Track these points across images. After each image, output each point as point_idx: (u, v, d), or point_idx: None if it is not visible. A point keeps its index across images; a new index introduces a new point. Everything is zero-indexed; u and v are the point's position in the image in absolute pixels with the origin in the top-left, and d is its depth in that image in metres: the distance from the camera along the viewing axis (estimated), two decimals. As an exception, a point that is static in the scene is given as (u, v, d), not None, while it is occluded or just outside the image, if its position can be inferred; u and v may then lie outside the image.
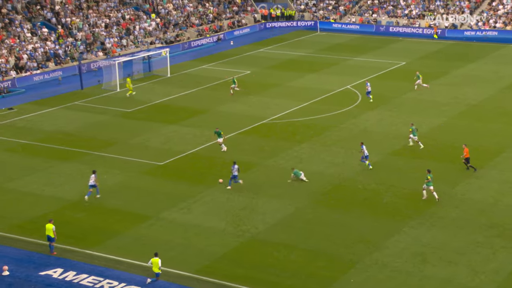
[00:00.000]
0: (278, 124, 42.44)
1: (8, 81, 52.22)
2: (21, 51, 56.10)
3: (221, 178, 33.32)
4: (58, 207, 30.64)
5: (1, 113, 45.59)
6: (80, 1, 67.32)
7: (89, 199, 31.12)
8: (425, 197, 30.59)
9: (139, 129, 41.68)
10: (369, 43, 69.33)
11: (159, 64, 57.29)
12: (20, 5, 62.11)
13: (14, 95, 50.80)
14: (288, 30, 77.33)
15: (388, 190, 31.90)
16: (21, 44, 57.03)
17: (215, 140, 37.54)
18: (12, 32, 58.04)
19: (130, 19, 68.10)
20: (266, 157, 36.54)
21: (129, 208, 30.44)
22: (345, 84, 51.53)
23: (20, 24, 59.47)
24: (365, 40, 71.01)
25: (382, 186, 32.35)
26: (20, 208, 30.66)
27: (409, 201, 30.68)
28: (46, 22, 62.49)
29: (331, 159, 36.09)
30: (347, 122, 42.20)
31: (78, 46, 60.29)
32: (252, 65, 59.48)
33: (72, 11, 64.99)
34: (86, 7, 66.85)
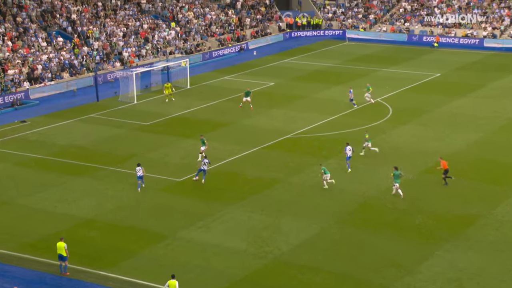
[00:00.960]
0: (304, 139, 42.38)
1: (21, 93, 53.00)
2: (35, 61, 56.98)
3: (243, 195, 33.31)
4: (71, 225, 30.88)
5: (13, 126, 46.28)
6: (97, 9, 68.32)
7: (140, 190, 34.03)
8: (393, 192, 32.89)
9: (157, 143, 41.94)
10: (401, 53, 69.08)
11: (178, 75, 57.72)
12: (35, 13, 63.20)
13: (28, 107, 51.54)
14: (315, 39, 77.45)
15: (421, 210, 31.58)
16: (35, 54, 57.93)
17: (201, 149, 37.72)
18: (26, 41, 59.00)
19: (149, 28, 68.86)
20: (290, 173, 36.49)
21: (145, 226, 30.56)
22: (375, 97, 51.32)
23: (35, 33, 60.46)
24: (396, 50, 70.75)
25: (413, 206, 32.03)
26: (31, 226, 30.96)
27: (444, 223, 30.32)
28: (62, 31, 63.47)
29: (357, 175, 35.89)
30: (377, 138, 41.97)
31: (94, 56, 61.05)
32: (276, 76, 59.61)
33: (89, 19, 65.93)
34: (103, 15, 67.79)
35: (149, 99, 52.55)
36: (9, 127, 46.03)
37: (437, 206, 31.99)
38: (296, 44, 75.03)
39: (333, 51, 71.31)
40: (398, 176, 33.03)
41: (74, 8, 66.31)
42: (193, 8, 76.34)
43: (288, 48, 72.98)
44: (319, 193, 33.80)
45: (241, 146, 41.07)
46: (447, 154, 38.72)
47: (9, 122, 47.03)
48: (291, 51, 71.34)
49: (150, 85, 55.96)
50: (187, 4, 76.37)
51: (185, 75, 56.81)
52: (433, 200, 32.73)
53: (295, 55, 68.76)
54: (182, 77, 57.10)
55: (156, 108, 49.95)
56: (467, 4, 77.31)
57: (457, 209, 31.58)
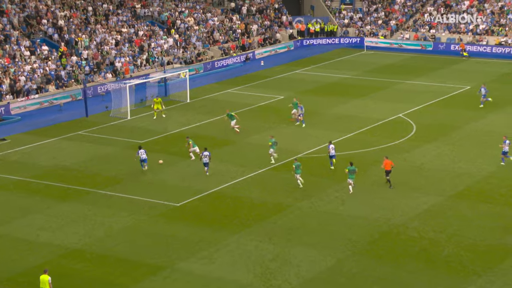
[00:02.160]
0: (316, 159, 42.33)
1: (1, 108, 53.30)
2: (17, 72, 57.33)
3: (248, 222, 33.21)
4: (55, 255, 30.81)
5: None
6: (86, 14, 68.85)
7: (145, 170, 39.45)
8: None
9: (153, 163, 41.96)
10: (426, 63, 69.15)
11: (177, 87, 57.95)
12: (17, 19, 63.70)
13: (8, 123, 51.78)
14: (329, 48, 77.69)
15: (450, 240, 31.40)
16: (17, 64, 58.30)
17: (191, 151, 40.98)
18: (7, 50, 59.41)
19: (144, 35, 69.30)
20: (300, 197, 36.42)
21: (140, 257, 30.48)
22: (397, 112, 51.28)
23: (17, 41, 60.90)
24: (421, 60, 70.85)
25: (442, 235, 31.87)
26: (11, 258, 30.89)
27: (476, 254, 30.11)
28: (47, 39, 63.95)
29: (379, 201, 35.78)
30: (399, 158, 41.88)
31: (83, 67, 61.42)
32: (286, 89, 59.73)
33: (78, 26, 66.43)
34: (94, 21, 68.30)
35: (144, 115, 52.70)
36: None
37: (469, 235, 31.79)
38: (308, 53, 75.27)
39: (349, 61, 71.42)
40: (353, 172, 36.44)
41: (61, 13, 66.83)
42: (194, 13, 76.82)
43: (299, 57, 73.18)
44: (333, 220, 33.68)
45: (246, 167, 41.06)
46: (478, 176, 38.54)
47: (-13, 140, 47.24)
48: (302, 61, 71.51)
49: (146, 99, 56.15)
50: (187, 9, 76.86)
51: (185, 87, 57.03)
52: (464, 228, 32.54)
53: (307, 66, 68.92)
54: (181, 89, 57.31)
55: (151, 125, 50.06)
56: (501, 8, 77.46)
57: (492, 239, 31.35)
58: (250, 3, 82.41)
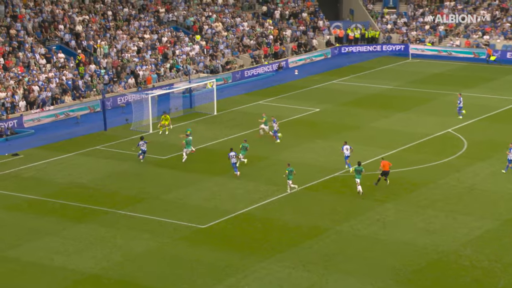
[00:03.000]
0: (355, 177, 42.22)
1: (13, 120, 53.93)
2: (31, 82, 58.03)
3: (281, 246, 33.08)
4: (70, 281, 30.97)
5: (3, 160, 47.01)
6: (106, 19, 69.64)
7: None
8: (360, 191, 38.61)
9: (177, 181, 42.09)
10: (478, 73, 68.61)
11: (203, 98, 58.19)
12: (31, 24, 64.65)
13: (21, 137, 52.37)
14: (370, 56, 77.46)
15: (506, 270, 31.00)
16: (31, 73, 59.05)
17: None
18: (21, 58, 60.23)
19: (168, 42, 69.83)
20: (339, 220, 36.25)
21: (162, 283, 30.51)
22: (445, 127, 50.89)
23: (32, 48, 61.75)
24: (472, 70, 70.31)
25: (497, 264, 31.46)
26: (23, 283, 31.09)
27: (534, 284, 29.65)
28: (64, 46, 64.77)
29: (426, 225, 35.49)
30: (448, 177, 41.49)
31: (102, 76, 62.02)
32: (323, 100, 59.62)
33: (97, 32, 67.20)
34: (114, 27, 69.04)
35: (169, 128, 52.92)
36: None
37: (526, 264, 31.36)
38: (347, 61, 75.12)
39: (392, 70, 71.12)
40: (360, 172, 38.85)
41: (79, 18, 67.67)
42: (222, 17, 77.26)
43: (337, 66, 73.08)
44: (375, 245, 33.45)
45: (278, 186, 40.99)
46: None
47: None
48: (340, 70, 71.39)
49: (169, 111, 56.40)
50: (215, 13, 77.34)
51: (212, 98, 57.23)
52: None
53: (345, 75, 68.77)
54: (208, 101, 57.52)
55: (176, 139, 50.29)
56: None
57: (551, 268, 30.87)
58: (284, 7, 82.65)
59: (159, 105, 56.15)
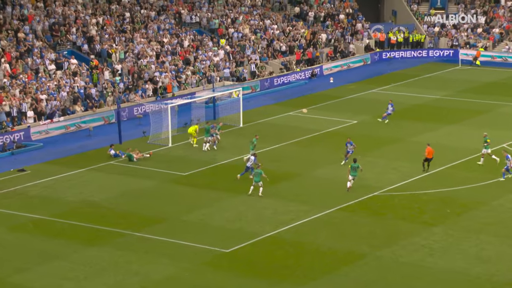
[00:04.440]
0: (398, 198, 42.03)
1: (20, 132, 54.42)
2: (40, 90, 58.58)
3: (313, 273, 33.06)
4: (81, 309, 31.19)
5: (8, 176, 47.41)
6: (122, 21, 70.25)
7: None
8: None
9: (199, 200, 42.20)
10: (536, 81, 68.23)
11: (228, 109, 58.34)
12: (41, 27, 65.38)
13: (28, 151, 52.77)
14: (415, 62, 77.22)
15: None
16: (40, 80, 59.61)
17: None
18: (29, 64, 60.90)
19: (190, 47, 70.22)
20: (378, 245, 36.10)
21: (180, 314, 30.62)
22: (500, 142, 50.50)
23: (41, 53, 62.41)
24: (530, 77, 69.90)
25: (555, 294, 31.15)
26: (29, 310, 31.37)
27: None
28: (76, 51, 65.41)
29: (478, 251, 35.22)
30: (503, 198, 41.21)
31: (117, 84, 62.50)
32: (361, 111, 59.53)
33: (112, 35, 67.79)
34: (131, 29, 69.60)
35: (188, 141, 53.15)
36: (2, 177, 47.22)
37: None
38: (389, 68, 74.93)
39: (440, 78, 70.79)
40: (356, 169, 41.86)
41: (93, 21, 68.32)
42: (250, 19, 77.58)
43: (377, 74, 72.92)
44: (420, 274, 33.26)
45: (311, 206, 40.96)
46: None
47: (2, 172, 48.21)
48: (381, 78, 71.21)
49: (191, 123, 56.58)
50: (242, 15, 77.69)
51: (237, 109, 57.35)
52: None
53: (386, 84, 68.57)
54: (233, 112, 57.65)
55: (197, 154, 50.42)
56: None
57: None
58: (318, 8, 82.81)
59: (180, 116, 56.34)
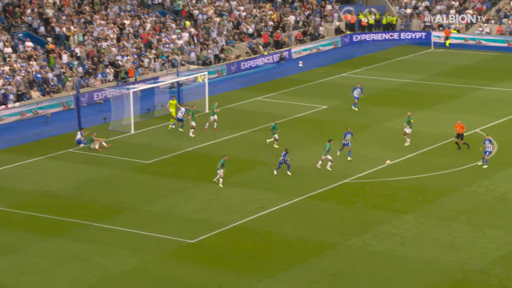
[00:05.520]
0: (369, 185, 42.24)
1: (-27, 119, 53.99)
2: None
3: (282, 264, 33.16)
4: (39, 303, 31.07)
5: (-38, 165, 47.08)
6: (81, 2, 69.66)
7: None
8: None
9: (162, 189, 42.12)
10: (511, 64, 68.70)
11: (193, 94, 58.19)
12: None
13: (-18, 138, 52.35)
14: (386, 45, 77.49)
15: (541, 290, 31.09)
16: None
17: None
18: (-18, 47, 60.30)
19: (153, 29, 69.87)
20: (349, 234, 36.26)
21: (143, 307, 30.60)
22: (473, 127, 50.89)
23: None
24: (505, 61, 70.34)
25: (530, 283, 31.58)
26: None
27: None
28: (32, 33, 64.80)
29: (450, 240, 35.52)
30: (475, 185, 41.57)
31: (76, 68, 62.08)
32: (331, 96, 59.66)
33: (70, 17, 67.24)
34: (90, 11, 69.07)
35: (151, 128, 52.98)
36: (-44, 166, 46.87)
37: None
38: (360, 51, 75.15)
39: (412, 61, 71.11)
40: (328, 150, 43.19)
41: (50, 1, 67.68)
42: (215, 1, 77.33)
43: (348, 57, 73.09)
44: (391, 264, 33.48)
45: (279, 194, 41.05)
46: None
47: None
48: (352, 61, 71.38)
49: (154, 109, 56.43)
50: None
51: (203, 94, 57.23)
52: (558, 275, 32.20)
53: (357, 67, 68.77)
54: (198, 97, 57.48)
55: (161, 141, 50.27)
56: None
57: None
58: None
59: (142, 102, 56.14)
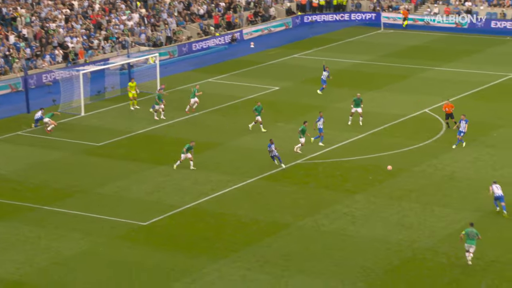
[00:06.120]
0: (321, 166, 42.43)
1: None
2: None
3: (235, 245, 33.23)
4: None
5: None
6: (29, -17, 68.76)
7: None
8: (296, 150, 42.37)
9: (114, 172, 41.91)
10: (460, 45, 69.35)
11: (144, 76, 57.88)
12: None
13: None
14: (337, 26, 77.71)
15: (489, 268, 31.49)
16: None
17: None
18: None
19: (102, 10, 69.25)
20: (301, 214, 36.45)
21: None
22: (422, 107, 51.38)
23: None
24: (453, 41, 71.05)
25: (479, 262, 31.94)
26: None
27: (522, 284, 30.28)
28: (-22, 15, 63.90)
29: (400, 219, 35.87)
30: (424, 164, 41.98)
31: (23, 49, 61.35)
32: (283, 78, 59.73)
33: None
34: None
35: (102, 110, 52.63)
36: None
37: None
38: (311, 32, 75.28)
39: (362, 42, 71.46)
40: (304, 132, 43.05)
41: (-4, -18, 66.75)
42: (165, -18, 76.76)
43: (299, 38, 73.19)
44: (342, 243, 33.73)
45: (232, 175, 41.08)
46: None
47: None
48: (303, 42, 71.51)
49: (105, 90, 56.06)
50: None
51: (154, 76, 56.94)
52: (508, 253, 32.61)
53: (308, 48, 68.93)
54: (150, 78, 57.23)
55: (112, 123, 49.97)
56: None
57: (540, 265, 31.54)
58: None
59: (92, 84, 55.74)
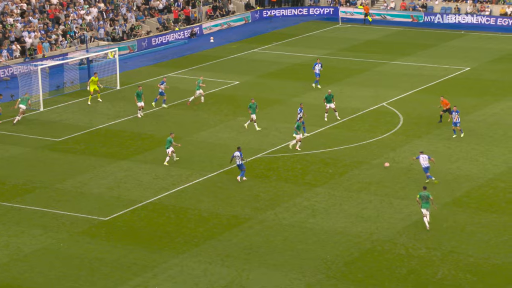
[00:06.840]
0: (281, 159, 42.52)
1: None
2: None
3: (196, 239, 33.20)
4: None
5: None
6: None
7: None
8: (291, 146, 40.04)
9: (74, 167, 41.67)
10: (416, 39, 69.80)
11: (103, 70, 57.56)
12: None
13: None
14: (295, 20, 77.85)
15: (446, 259, 31.79)
16: None
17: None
18: None
19: (59, 4, 68.68)
20: (262, 208, 36.54)
21: (57, 287, 30.18)
22: (379, 101, 51.71)
23: None
24: (409, 35, 71.51)
25: (436, 252, 32.27)
26: None
27: (478, 276, 30.51)
28: None
29: (359, 211, 36.11)
30: (383, 157, 42.28)
31: (-18, 45, 60.69)
32: (243, 72, 59.74)
33: (-26, -8, 65.56)
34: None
35: (61, 105, 52.26)
36: None
37: (470, 252, 32.19)
38: (270, 27, 75.31)
39: (320, 37, 71.67)
40: (299, 128, 42.72)
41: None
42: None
43: (258, 33, 73.20)
44: (303, 236, 33.85)
45: (193, 170, 41.05)
46: (481, 179, 39.17)
47: None
48: (262, 37, 71.53)
49: (64, 85, 55.68)
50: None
51: (114, 71, 56.72)
52: (463, 243, 32.95)
53: (267, 43, 68.96)
54: (109, 73, 57.00)
55: (71, 118, 49.64)
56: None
57: (497, 257, 31.81)
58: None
59: (51, 79, 55.36)
